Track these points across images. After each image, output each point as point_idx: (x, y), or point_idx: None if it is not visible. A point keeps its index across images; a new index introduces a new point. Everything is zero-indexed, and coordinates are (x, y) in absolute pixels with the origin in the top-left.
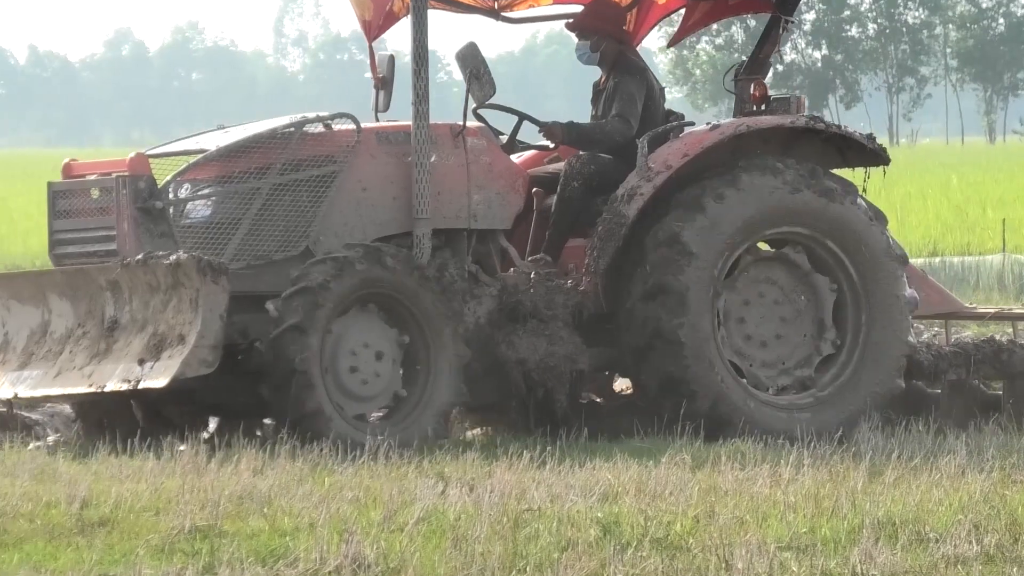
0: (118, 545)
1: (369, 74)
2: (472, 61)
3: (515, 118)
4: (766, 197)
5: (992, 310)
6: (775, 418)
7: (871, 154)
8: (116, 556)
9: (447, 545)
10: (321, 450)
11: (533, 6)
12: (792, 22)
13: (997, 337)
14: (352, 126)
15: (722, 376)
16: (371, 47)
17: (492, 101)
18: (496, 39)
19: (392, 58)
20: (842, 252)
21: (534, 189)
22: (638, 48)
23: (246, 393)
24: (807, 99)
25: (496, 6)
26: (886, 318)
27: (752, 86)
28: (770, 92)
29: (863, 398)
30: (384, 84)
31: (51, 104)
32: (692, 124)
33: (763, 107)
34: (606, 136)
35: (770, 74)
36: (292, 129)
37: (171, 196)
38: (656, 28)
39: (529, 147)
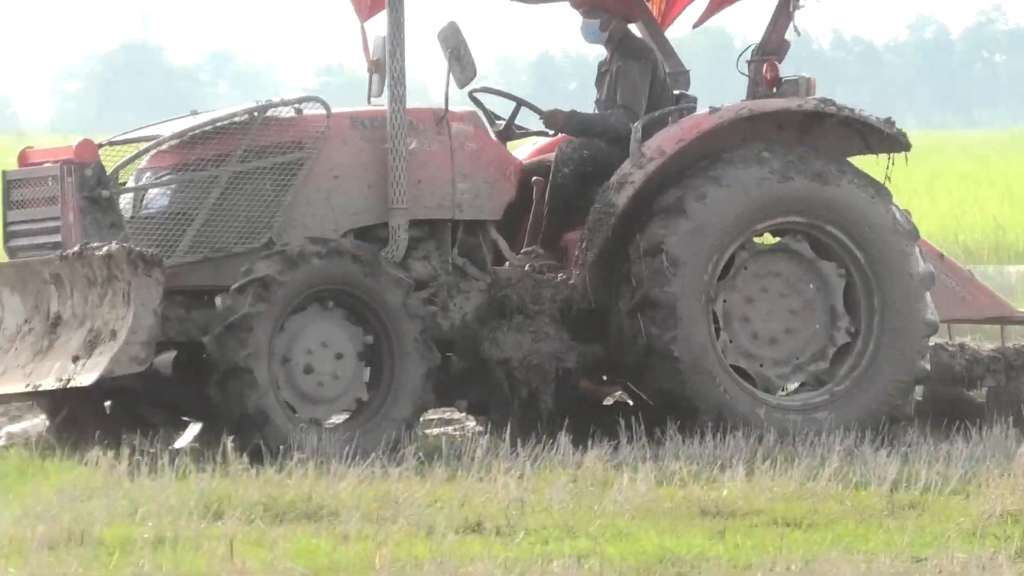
0: (928, 528)
1: None
2: (453, 41)
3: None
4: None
5: None
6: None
7: (891, 139)
8: (927, 539)
9: None
10: None
11: None
12: None
13: None
14: (322, 111)
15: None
16: (363, 28)
17: (487, 85)
18: None
19: (384, 39)
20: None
21: (534, 178)
22: (667, 32)
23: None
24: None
25: None
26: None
27: (764, 67)
28: (782, 75)
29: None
30: (378, 68)
31: (853, 87)
32: (694, 109)
33: (775, 90)
34: (609, 127)
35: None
36: (255, 114)
37: (121, 184)
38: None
39: (529, 133)
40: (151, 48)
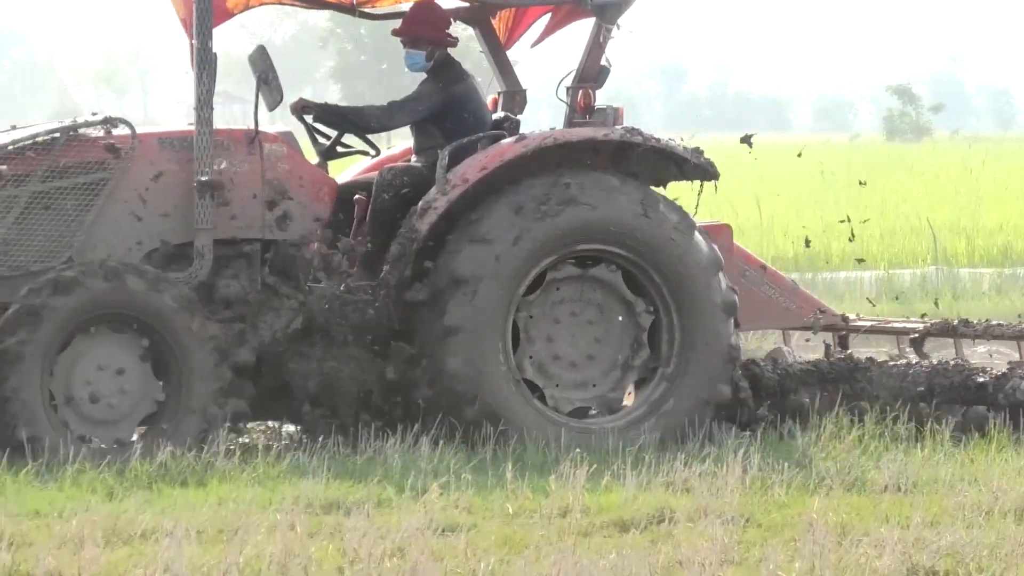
0: None
1: None
2: (261, 65)
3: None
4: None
5: (868, 322)
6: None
7: (699, 168)
8: None
9: None
10: None
11: (398, 3)
12: (616, 27)
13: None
14: (128, 131)
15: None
16: (192, 45)
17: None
18: None
19: (215, 56)
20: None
21: (356, 196)
22: (509, 51)
23: None
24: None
25: (355, 2)
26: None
27: (580, 95)
28: (595, 103)
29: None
30: None
31: None
32: (505, 135)
33: (588, 117)
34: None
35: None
36: (56, 135)
37: None
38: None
39: (351, 152)
40: None
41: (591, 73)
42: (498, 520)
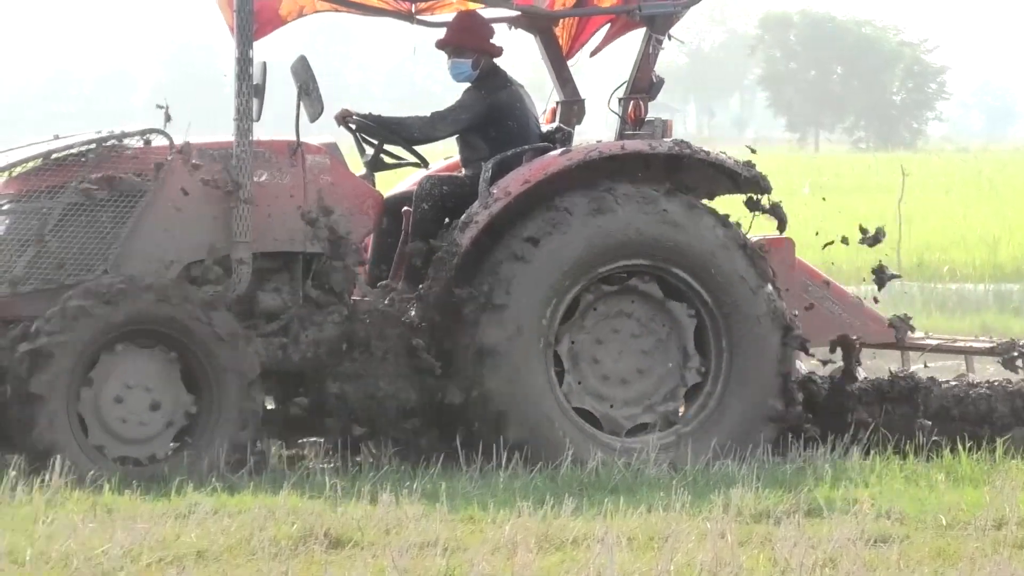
0: None
1: None
2: (303, 76)
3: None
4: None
5: (935, 341)
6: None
7: (750, 181)
8: None
9: None
10: None
11: (456, 11)
12: (668, 37)
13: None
14: (166, 143)
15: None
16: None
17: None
18: None
19: (264, 65)
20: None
21: (404, 208)
22: (571, 61)
23: None
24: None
25: (413, 9)
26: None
27: (631, 106)
28: (646, 115)
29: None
30: (257, 92)
31: None
32: (551, 148)
33: (638, 129)
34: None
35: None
36: (94, 146)
37: None
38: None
39: (401, 164)
40: None
41: (643, 84)
42: (931, 532)
